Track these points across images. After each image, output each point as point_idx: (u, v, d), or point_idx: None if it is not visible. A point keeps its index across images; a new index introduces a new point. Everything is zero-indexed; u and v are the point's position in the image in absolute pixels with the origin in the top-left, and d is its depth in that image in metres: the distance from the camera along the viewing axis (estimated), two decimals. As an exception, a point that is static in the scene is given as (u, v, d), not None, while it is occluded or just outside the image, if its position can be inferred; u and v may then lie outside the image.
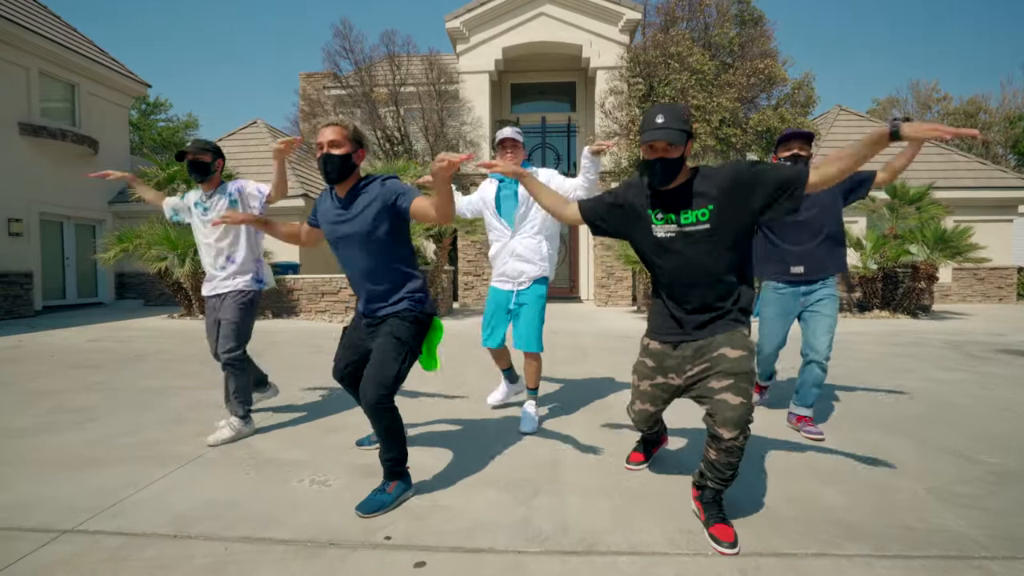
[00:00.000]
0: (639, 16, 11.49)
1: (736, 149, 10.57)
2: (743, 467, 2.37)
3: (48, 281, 11.25)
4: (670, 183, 1.90)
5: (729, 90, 10.15)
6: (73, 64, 11.41)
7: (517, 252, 3.04)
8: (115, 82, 12.65)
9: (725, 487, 1.88)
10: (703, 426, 2.09)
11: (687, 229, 1.88)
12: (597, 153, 2.70)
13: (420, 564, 1.72)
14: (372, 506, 2.04)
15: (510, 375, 3.46)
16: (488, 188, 3.19)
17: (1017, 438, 2.89)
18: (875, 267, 9.33)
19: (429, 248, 12.65)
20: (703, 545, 1.81)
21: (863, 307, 9.72)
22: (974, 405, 3.57)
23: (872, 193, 9.99)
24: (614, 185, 10.59)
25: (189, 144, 3.03)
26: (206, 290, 3.10)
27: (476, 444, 2.84)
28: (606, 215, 2.09)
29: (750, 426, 1.81)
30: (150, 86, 13.82)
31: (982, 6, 50.30)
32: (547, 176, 3.02)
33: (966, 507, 2.07)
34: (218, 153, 3.01)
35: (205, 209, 3.03)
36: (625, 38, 11.58)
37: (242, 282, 3.03)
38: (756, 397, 3.31)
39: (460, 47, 11.89)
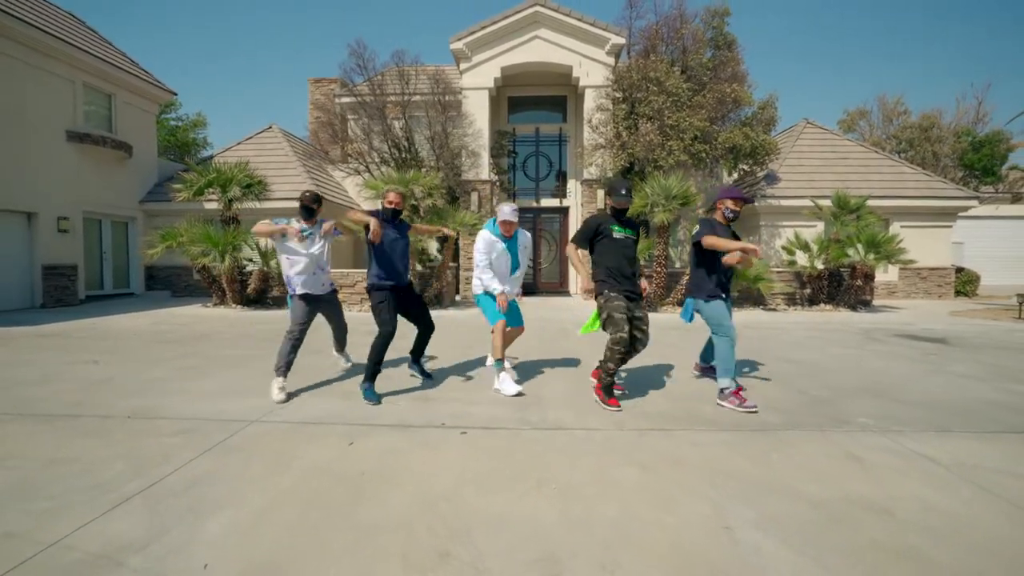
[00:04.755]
0: (623, 41, 12.85)
1: (706, 163, 11.99)
2: (665, 398, 3.79)
3: (89, 273, 12.47)
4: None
5: (700, 111, 11.56)
6: (110, 76, 12.59)
7: (512, 287, 4.48)
8: (145, 91, 13.83)
9: (609, 373, 3.56)
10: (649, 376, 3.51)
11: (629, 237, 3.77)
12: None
13: (464, 432, 3.12)
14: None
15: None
16: (498, 247, 4.33)
17: (846, 385, 4.33)
18: (821, 267, 10.83)
19: (433, 247, 14.03)
20: (622, 425, 3.23)
21: (812, 301, 11.21)
22: (840, 368, 5.02)
23: (820, 201, 11.50)
24: (600, 191, 11.81)
25: (307, 194, 4.17)
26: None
27: (488, 386, 4.24)
28: (588, 237, 3.87)
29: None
30: (176, 94, 15.00)
31: (955, 26, 52.22)
32: (528, 240, 4.53)
33: (781, 413, 3.51)
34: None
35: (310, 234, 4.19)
36: (611, 60, 12.95)
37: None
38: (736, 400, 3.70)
39: (463, 65, 13.19)
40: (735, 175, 14.17)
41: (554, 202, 15.10)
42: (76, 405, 3.65)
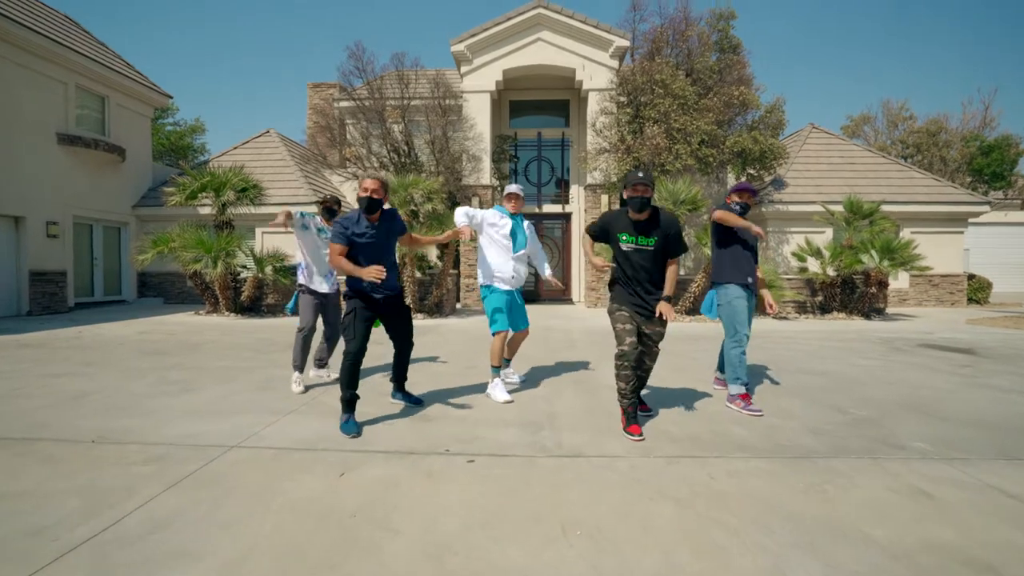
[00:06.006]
0: (627, 43, 12.60)
1: (714, 168, 11.70)
2: (689, 417, 3.45)
3: (79, 279, 12.11)
4: (643, 213, 3.14)
5: (708, 114, 11.29)
6: (105, 78, 12.30)
7: (519, 267, 4.21)
8: (140, 94, 13.54)
9: (622, 395, 3.17)
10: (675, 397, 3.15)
11: (642, 247, 3.20)
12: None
13: (471, 461, 2.76)
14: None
15: (508, 362, 4.56)
16: (504, 222, 4.18)
17: (885, 401, 3.99)
18: (834, 274, 10.51)
19: (433, 252, 13.69)
20: (646, 452, 2.88)
21: (824, 309, 10.87)
22: (870, 381, 4.68)
23: (831, 207, 11.20)
24: (604, 196, 11.54)
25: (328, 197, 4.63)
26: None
27: (495, 405, 3.89)
28: (599, 233, 3.42)
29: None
30: (171, 97, 14.72)
31: (955, 32, 52.42)
32: (528, 226, 4.37)
33: (822, 435, 3.16)
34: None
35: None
36: (615, 63, 12.69)
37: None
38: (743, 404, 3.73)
39: (464, 68, 12.93)
40: (742, 179, 13.88)
41: (556, 208, 14.79)
42: (40, 426, 3.29)
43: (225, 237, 9.98)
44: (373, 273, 3.06)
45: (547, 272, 4.53)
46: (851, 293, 10.62)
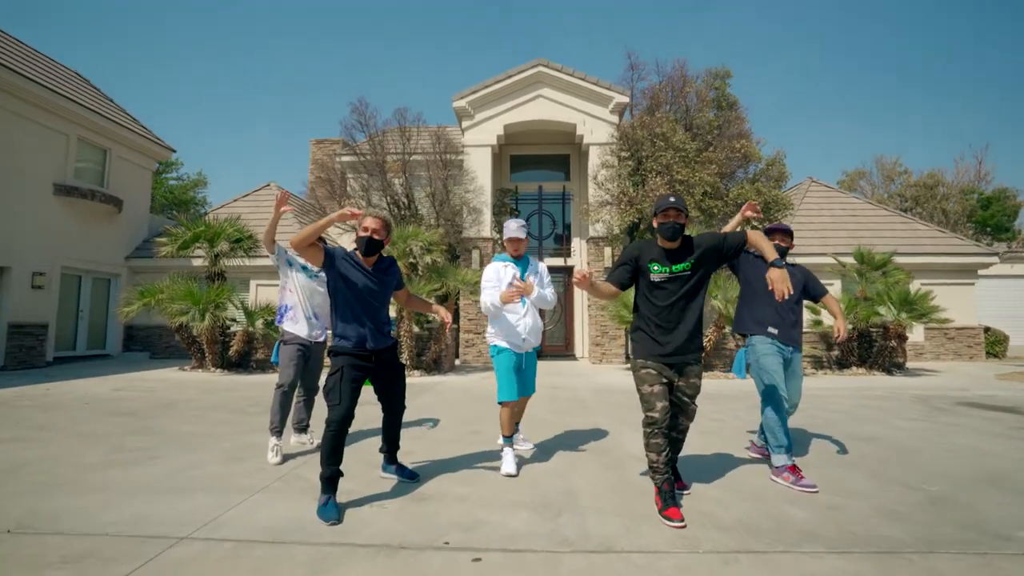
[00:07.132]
0: (627, 100, 12.84)
1: (718, 219, 11.56)
2: (733, 495, 2.91)
3: (61, 332, 11.58)
4: (676, 242, 2.78)
5: (710, 166, 11.29)
6: (107, 131, 12.37)
7: (530, 326, 3.68)
8: (143, 147, 13.62)
9: (654, 469, 2.73)
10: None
11: (676, 274, 2.79)
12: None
13: (477, 559, 2.20)
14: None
15: (517, 426, 3.99)
16: (507, 272, 3.70)
17: (955, 472, 3.44)
18: (849, 327, 10.07)
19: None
20: (694, 544, 2.32)
21: (842, 364, 10.35)
22: (926, 447, 4.13)
23: (842, 258, 10.93)
24: (606, 248, 11.28)
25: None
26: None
27: (503, 477, 3.33)
28: (628, 272, 2.88)
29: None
30: (175, 151, 14.84)
31: (944, 91, 55.08)
32: (544, 269, 3.87)
33: (900, 520, 2.61)
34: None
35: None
36: (615, 118, 12.87)
37: None
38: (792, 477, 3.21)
39: (465, 123, 13.09)
40: (747, 229, 13.76)
41: (558, 261, 14.54)
42: (-46, 509, 2.72)
43: (215, 289, 9.58)
44: (345, 213, 2.81)
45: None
46: (869, 347, 10.14)
